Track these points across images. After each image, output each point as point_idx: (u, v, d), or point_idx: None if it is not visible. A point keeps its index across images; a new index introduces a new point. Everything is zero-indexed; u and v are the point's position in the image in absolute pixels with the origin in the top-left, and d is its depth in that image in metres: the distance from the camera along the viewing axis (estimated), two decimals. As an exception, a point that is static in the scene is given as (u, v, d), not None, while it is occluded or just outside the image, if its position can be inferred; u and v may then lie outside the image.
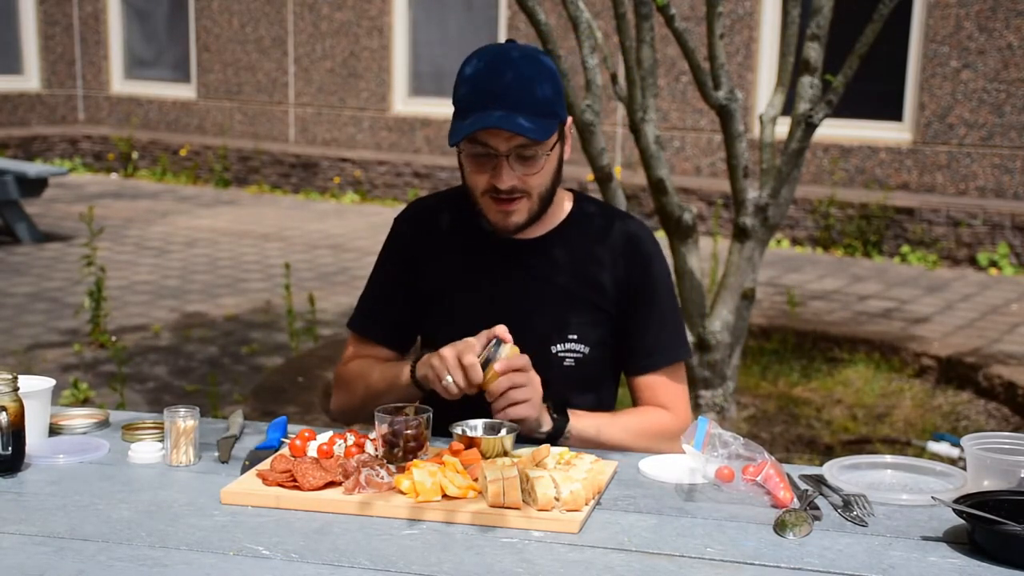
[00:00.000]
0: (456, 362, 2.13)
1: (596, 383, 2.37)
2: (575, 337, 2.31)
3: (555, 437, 2.22)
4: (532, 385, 2.15)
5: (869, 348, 6.22)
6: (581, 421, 2.25)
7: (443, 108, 11.78)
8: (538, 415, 2.17)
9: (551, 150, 2.24)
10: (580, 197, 2.43)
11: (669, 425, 2.32)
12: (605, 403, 2.40)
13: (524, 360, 2.15)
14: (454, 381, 2.12)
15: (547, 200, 2.29)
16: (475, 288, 2.35)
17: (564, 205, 2.39)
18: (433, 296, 2.38)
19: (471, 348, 2.14)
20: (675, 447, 2.13)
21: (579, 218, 2.39)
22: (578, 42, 4.66)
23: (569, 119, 2.31)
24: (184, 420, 2.09)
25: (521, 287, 2.34)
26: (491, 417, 2.15)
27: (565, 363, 2.30)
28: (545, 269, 2.34)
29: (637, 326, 2.35)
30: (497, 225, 2.28)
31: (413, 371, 2.26)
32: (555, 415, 2.22)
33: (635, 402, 2.40)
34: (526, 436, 2.17)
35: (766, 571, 1.69)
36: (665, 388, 2.37)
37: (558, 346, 2.31)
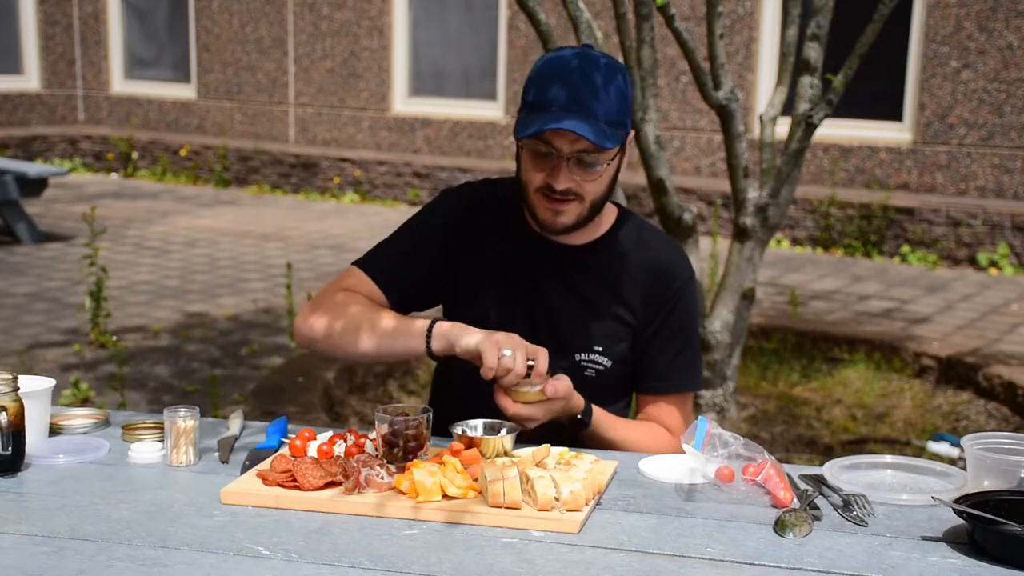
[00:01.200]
0: (525, 354, 2.10)
1: (613, 397, 2.37)
2: (600, 349, 2.33)
3: (575, 426, 2.23)
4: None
5: (869, 348, 6.21)
6: (603, 420, 2.27)
7: (443, 108, 11.78)
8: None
9: (612, 159, 2.24)
10: (624, 213, 2.43)
11: (668, 449, 2.33)
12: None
13: (536, 414, 2.14)
14: (513, 355, 2.09)
15: (598, 208, 2.29)
16: (508, 286, 2.36)
17: (608, 218, 2.39)
18: (464, 286, 2.38)
19: (546, 358, 2.12)
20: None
21: (619, 234, 2.39)
22: (578, 42, 4.65)
23: (632, 132, 2.30)
24: (184, 420, 2.09)
25: (554, 292, 2.35)
26: (491, 418, 2.15)
27: (586, 372, 2.30)
28: (579, 278, 2.35)
29: (654, 349, 2.36)
30: (546, 223, 2.28)
31: (431, 327, 2.20)
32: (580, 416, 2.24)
33: (638, 415, 2.43)
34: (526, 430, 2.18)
35: (766, 571, 1.69)
36: (670, 414, 2.39)
37: (582, 355, 2.32)
